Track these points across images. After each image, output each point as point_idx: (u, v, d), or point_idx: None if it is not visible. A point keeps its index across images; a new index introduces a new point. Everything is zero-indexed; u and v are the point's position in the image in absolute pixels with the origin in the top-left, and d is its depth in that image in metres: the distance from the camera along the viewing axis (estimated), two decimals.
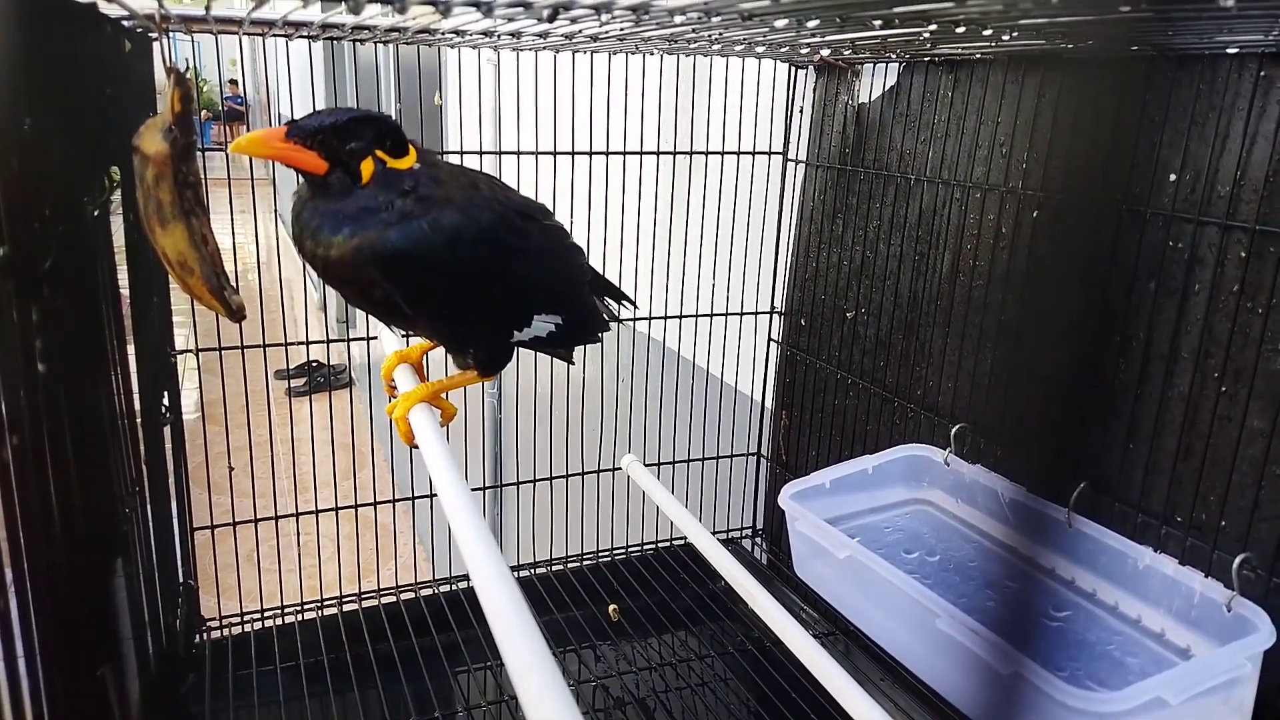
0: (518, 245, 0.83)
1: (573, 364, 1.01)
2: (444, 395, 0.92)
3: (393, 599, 1.33)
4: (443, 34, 0.99)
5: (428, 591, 1.36)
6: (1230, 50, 0.83)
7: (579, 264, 0.94)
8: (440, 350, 0.94)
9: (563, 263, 0.91)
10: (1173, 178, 0.89)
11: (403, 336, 1.11)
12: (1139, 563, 0.91)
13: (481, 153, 1.29)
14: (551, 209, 0.93)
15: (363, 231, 0.76)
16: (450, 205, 0.78)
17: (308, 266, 0.82)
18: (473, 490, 0.71)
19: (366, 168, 0.76)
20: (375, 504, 1.38)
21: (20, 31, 0.57)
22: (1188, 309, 0.88)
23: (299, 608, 1.30)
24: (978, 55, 1.07)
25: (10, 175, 0.52)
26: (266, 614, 1.29)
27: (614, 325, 0.99)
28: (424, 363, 0.98)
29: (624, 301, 1.03)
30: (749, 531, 1.59)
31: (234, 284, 0.87)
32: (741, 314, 1.50)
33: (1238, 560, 0.83)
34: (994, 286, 1.09)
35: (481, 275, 0.81)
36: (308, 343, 1.36)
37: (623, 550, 1.50)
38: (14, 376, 0.52)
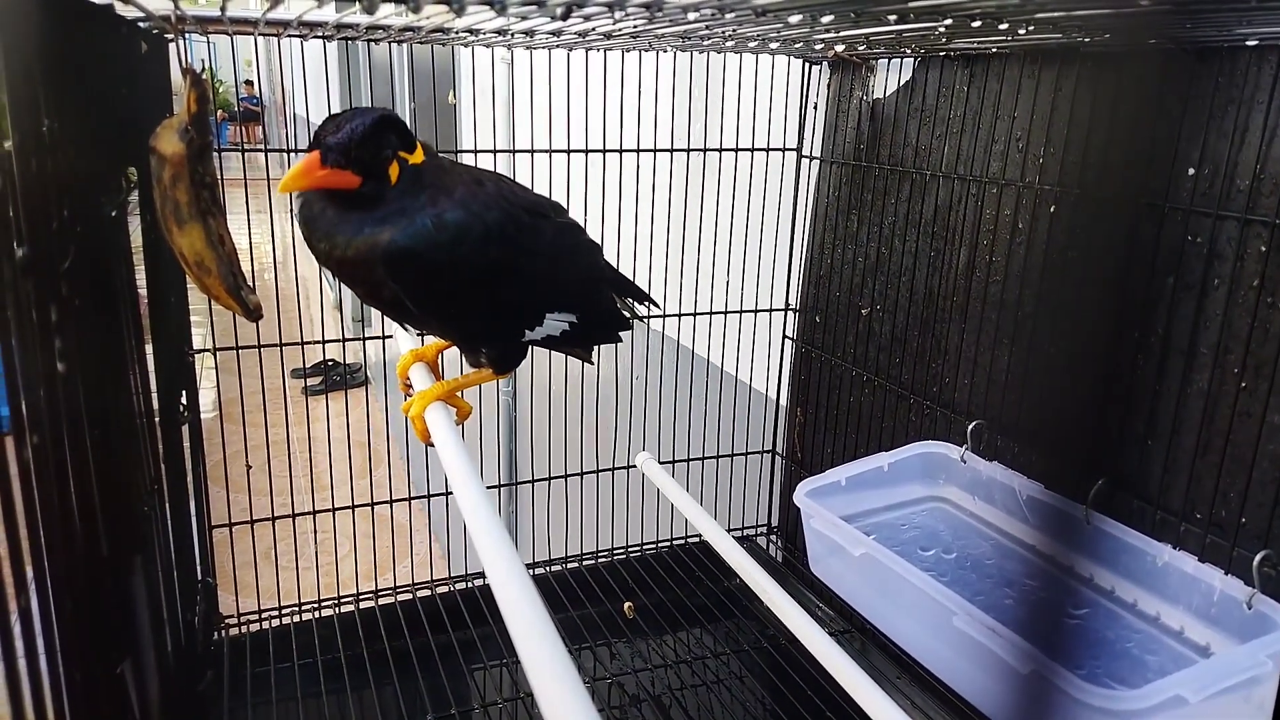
0: (526, 242, 0.83)
1: (591, 363, 1.01)
2: (459, 394, 0.92)
3: (409, 596, 1.34)
4: (456, 33, 0.99)
5: (444, 589, 1.36)
6: (1250, 43, 0.82)
7: (594, 262, 0.93)
8: (456, 349, 0.94)
9: (576, 260, 0.91)
10: (1191, 171, 0.88)
11: (417, 335, 1.11)
12: (1158, 560, 0.91)
13: (495, 151, 1.29)
14: (566, 207, 0.92)
15: (375, 230, 0.76)
16: (455, 202, 0.78)
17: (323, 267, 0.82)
18: (488, 488, 0.71)
19: (393, 171, 0.76)
20: (391, 502, 1.39)
21: (38, 33, 0.58)
22: (1206, 304, 0.87)
23: (316, 605, 1.30)
24: (994, 50, 1.06)
25: (29, 176, 0.53)
26: (284, 611, 1.29)
27: (633, 325, 0.99)
28: (439, 361, 0.99)
29: (646, 302, 1.03)
30: (764, 529, 1.59)
31: (250, 283, 0.88)
32: (756, 311, 1.50)
33: (1258, 557, 0.83)
34: (1010, 282, 1.08)
35: (488, 273, 0.81)
36: (324, 341, 1.37)
37: (638, 548, 1.50)
38: (33, 376, 0.52)
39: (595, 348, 0.99)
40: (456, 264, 0.78)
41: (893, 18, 0.75)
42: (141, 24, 0.90)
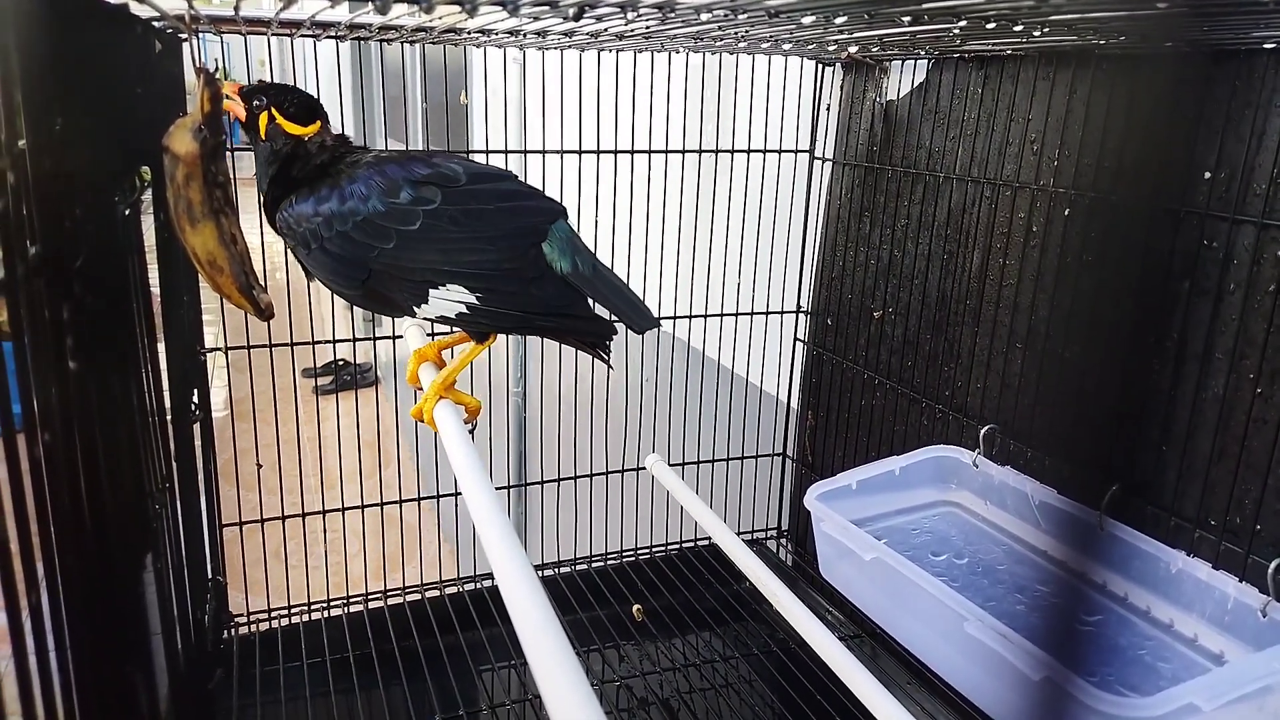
0: (395, 218, 0.82)
1: (611, 367, 0.95)
2: (466, 390, 0.92)
3: (418, 596, 1.34)
4: (469, 33, 0.99)
5: (452, 589, 1.36)
6: (1267, 45, 0.81)
7: (513, 227, 0.84)
8: (459, 344, 0.94)
9: (477, 228, 0.82)
10: (1207, 175, 0.87)
11: (428, 335, 1.11)
12: (1172, 567, 0.90)
13: (507, 151, 1.29)
14: (512, 172, 0.91)
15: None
16: (324, 188, 0.84)
17: None
18: (497, 489, 0.71)
19: (263, 121, 0.88)
20: (400, 502, 1.39)
21: (52, 32, 0.58)
22: (1222, 309, 0.87)
23: (325, 604, 1.30)
24: (1008, 51, 1.05)
25: (41, 175, 0.53)
26: (294, 610, 1.30)
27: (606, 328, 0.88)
28: (444, 359, 0.99)
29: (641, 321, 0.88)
30: (774, 532, 1.59)
31: (262, 283, 0.88)
32: (767, 313, 1.49)
33: (1273, 565, 0.82)
34: (1024, 285, 1.07)
35: (343, 248, 0.83)
36: (334, 341, 1.37)
37: (647, 550, 1.50)
38: (45, 374, 0.53)
39: (605, 346, 0.90)
40: (309, 237, 0.83)
41: (907, 19, 0.75)
42: (156, 23, 0.91)
